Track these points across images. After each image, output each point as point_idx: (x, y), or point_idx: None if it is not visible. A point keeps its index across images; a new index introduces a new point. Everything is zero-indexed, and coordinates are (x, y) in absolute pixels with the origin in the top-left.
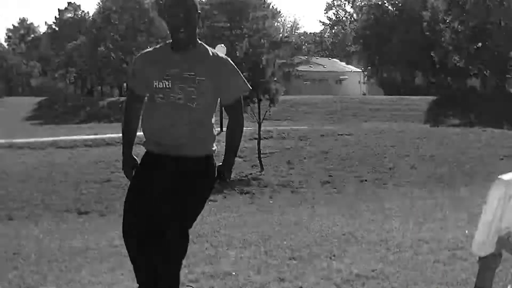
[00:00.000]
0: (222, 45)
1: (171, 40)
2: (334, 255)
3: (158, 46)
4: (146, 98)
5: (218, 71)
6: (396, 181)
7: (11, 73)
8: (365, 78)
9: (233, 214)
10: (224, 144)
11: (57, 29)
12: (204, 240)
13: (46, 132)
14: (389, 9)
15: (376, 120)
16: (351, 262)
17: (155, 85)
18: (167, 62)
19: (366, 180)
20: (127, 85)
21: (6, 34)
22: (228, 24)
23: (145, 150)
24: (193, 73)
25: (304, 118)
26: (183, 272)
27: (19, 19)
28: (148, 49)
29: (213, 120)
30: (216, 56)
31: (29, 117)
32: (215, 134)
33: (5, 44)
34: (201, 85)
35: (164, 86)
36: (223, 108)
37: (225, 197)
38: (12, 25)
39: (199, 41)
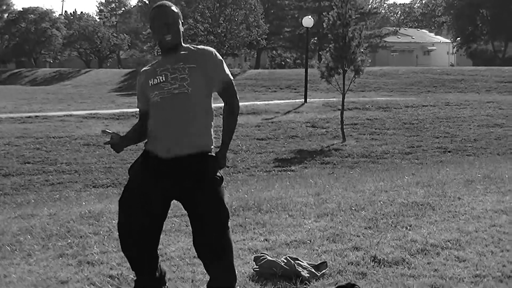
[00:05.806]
0: (309, 16)
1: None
2: (410, 225)
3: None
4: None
5: (204, 59)
6: (480, 151)
7: (102, 46)
8: (454, 49)
9: (312, 184)
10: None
11: (147, 2)
12: (281, 209)
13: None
14: None
15: (461, 91)
16: (427, 232)
17: (150, 83)
18: (158, 64)
19: (449, 151)
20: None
21: (97, 7)
22: None
23: (145, 150)
24: (181, 63)
25: (388, 89)
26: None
27: None
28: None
29: (213, 122)
30: (201, 48)
31: (118, 89)
32: (212, 126)
33: (96, 18)
34: (192, 72)
35: (159, 81)
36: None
37: (306, 168)
38: None
39: (185, 45)
